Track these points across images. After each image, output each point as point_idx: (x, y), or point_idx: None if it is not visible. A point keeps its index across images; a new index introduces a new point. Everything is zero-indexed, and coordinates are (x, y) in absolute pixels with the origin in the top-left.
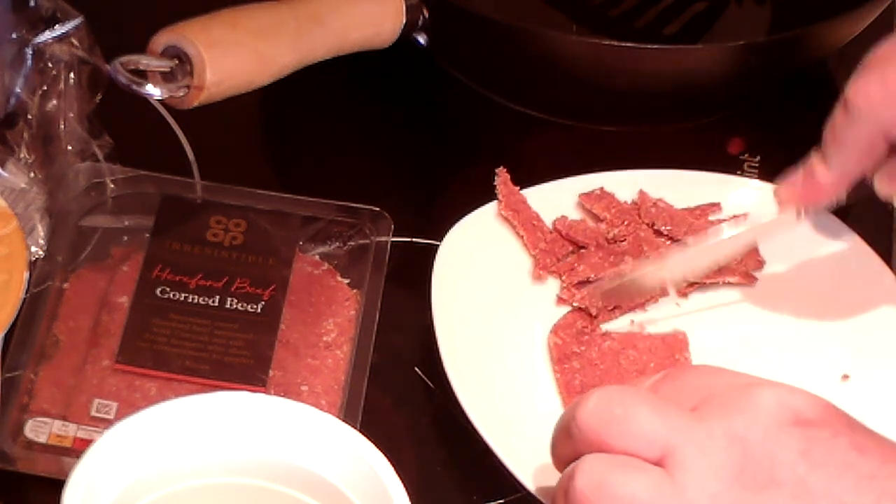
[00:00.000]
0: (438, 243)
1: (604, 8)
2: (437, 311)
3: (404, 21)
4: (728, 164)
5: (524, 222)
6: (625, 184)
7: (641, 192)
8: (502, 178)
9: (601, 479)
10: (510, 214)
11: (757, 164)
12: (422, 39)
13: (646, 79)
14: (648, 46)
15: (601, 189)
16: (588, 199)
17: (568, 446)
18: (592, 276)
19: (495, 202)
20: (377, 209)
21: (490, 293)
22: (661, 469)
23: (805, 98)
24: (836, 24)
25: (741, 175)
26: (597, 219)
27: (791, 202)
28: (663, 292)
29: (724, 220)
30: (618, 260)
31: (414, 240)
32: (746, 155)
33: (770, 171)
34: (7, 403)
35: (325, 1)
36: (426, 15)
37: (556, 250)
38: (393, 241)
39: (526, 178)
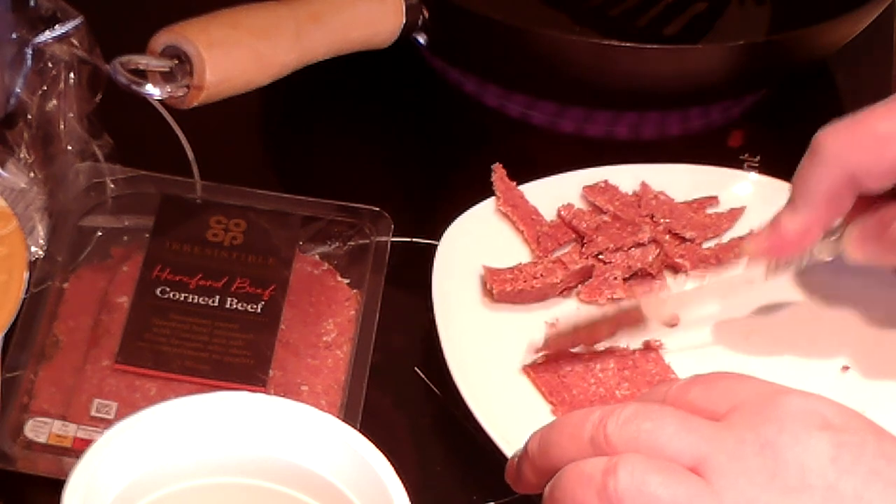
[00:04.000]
0: (438, 243)
1: (604, 8)
2: (439, 308)
3: (404, 21)
4: (728, 164)
5: (523, 217)
6: (627, 177)
7: (643, 184)
8: (498, 173)
9: (642, 481)
10: (509, 210)
11: (757, 163)
12: (422, 39)
13: (646, 79)
14: (648, 46)
15: (605, 182)
16: (592, 192)
17: (584, 450)
18: (612, 245)
19: (492, 198)
20: (377, 209)
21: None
22: (698, 476)
23: (805, 98)
24: (836, 24)
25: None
26: (599, 211)
27: (758, 255)
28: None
29: (722, 213)
30: (636, 229)
31: (414, 240)
32: (747, 154)
33: (770, 170)
34: (7, 403)
35: (325, 1)
36: (426, 15)
37: (559, 236)
38: (393, 241)
39: (525, 178)
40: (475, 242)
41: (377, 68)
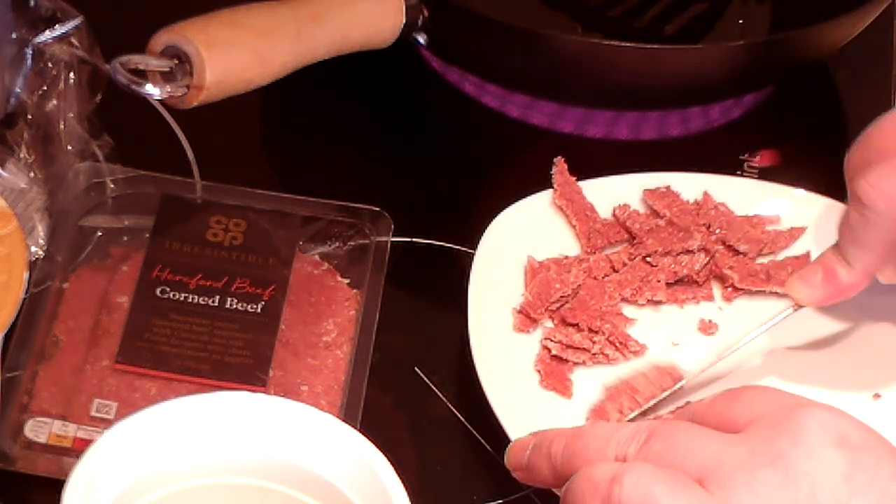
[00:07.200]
0: (439, 243)
1: (604, 8)
2: (473, 299)
3: (404, 21)
4: (728, 165)
5: (577, 211)
6: (690, 185)
7: (706, 194)
8: (560, 167)
9: (647, 490)
10: (564, 203)
11: (757, 164)
12: (422, 39)
13: (646, 79)
14: (648, 46)
15: (667, 187)
16: (652, 196)
17: (599, 454)
18: (660, 249)
19: (548, 191)
20: (377, 209)
21: None
22: (703, 489)
23: (805, 98)
24: (836, 24)
25: (742, 175)
26: (656, 215)
27: (811, 303)
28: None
29: (781, 231)
30: (687, 236)
31: (414, 240)
32: (746, 154)
33: (769, 171)
34: (7, 403)
35: (325, 1)
36: (426, 15)
37: (611, 235)
38: (393, 241)
39: (526, 177)
40: (524, 232)
41: (377, 68)
